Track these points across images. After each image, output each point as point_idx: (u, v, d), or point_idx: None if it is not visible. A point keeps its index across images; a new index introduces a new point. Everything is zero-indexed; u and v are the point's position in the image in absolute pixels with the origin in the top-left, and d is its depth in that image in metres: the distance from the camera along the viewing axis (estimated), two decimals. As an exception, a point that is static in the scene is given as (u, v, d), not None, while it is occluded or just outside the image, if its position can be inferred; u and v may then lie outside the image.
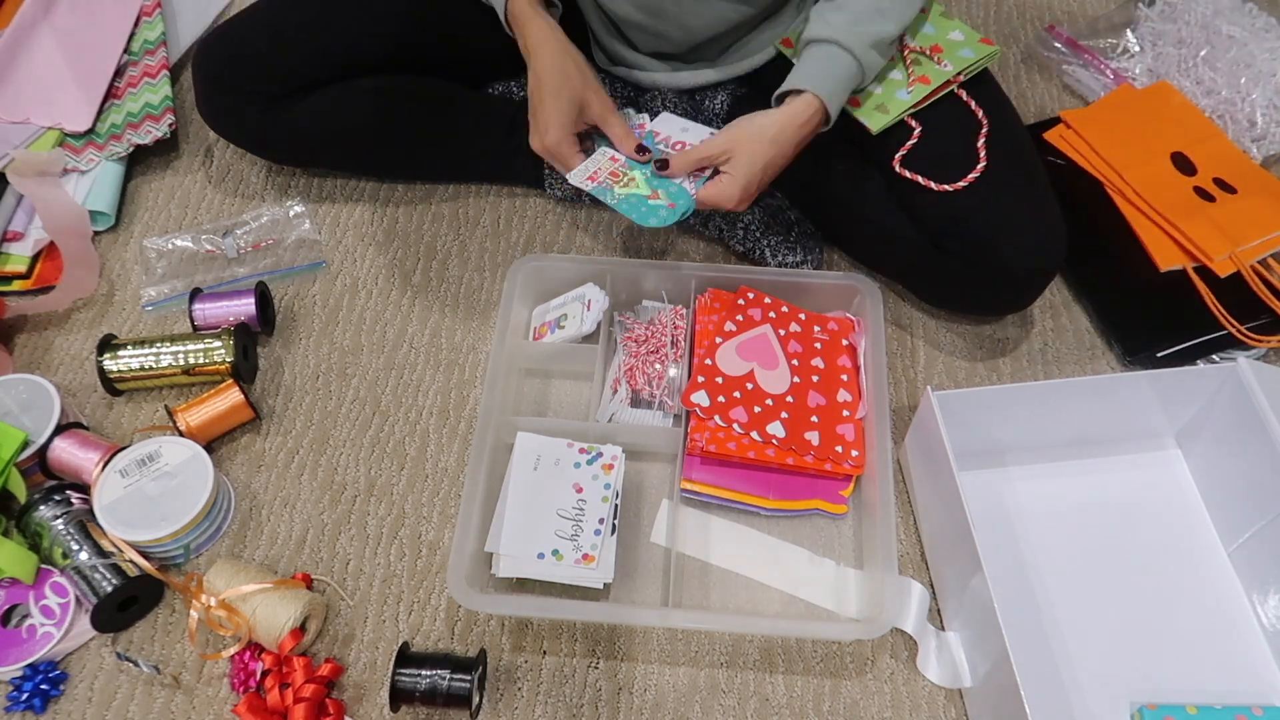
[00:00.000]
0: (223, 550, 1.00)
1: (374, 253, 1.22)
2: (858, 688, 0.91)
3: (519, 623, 0.95)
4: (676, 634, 0.94)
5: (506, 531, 0.93)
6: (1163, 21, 1.37)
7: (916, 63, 1.05)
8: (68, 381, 1.12)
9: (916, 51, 1.06)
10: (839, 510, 0.99)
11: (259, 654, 0.91)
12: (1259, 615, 0.93)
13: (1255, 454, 0.91)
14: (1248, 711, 0.85)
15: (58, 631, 0.92)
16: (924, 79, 1.04)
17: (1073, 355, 1.12)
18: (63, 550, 0.93)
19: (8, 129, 1.27)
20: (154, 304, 1.17)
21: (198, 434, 1.02)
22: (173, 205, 1.27)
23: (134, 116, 1.29)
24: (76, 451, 1.00)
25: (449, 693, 0.86)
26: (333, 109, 1.16)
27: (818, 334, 1.06)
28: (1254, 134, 1.26)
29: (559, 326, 1.08)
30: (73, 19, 1.39)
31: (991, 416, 0.96)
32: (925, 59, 1.05)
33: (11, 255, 1.20)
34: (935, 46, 1.07)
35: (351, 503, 1.03)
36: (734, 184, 0.97)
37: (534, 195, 1.27)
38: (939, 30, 1.08)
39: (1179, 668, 0.90)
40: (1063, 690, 0.89)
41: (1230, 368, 0.94)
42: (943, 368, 1.12)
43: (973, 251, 1.01)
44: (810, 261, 1.15)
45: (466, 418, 1.09)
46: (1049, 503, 1.00)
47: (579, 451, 0.98)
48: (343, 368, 1.13)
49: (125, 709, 0.90)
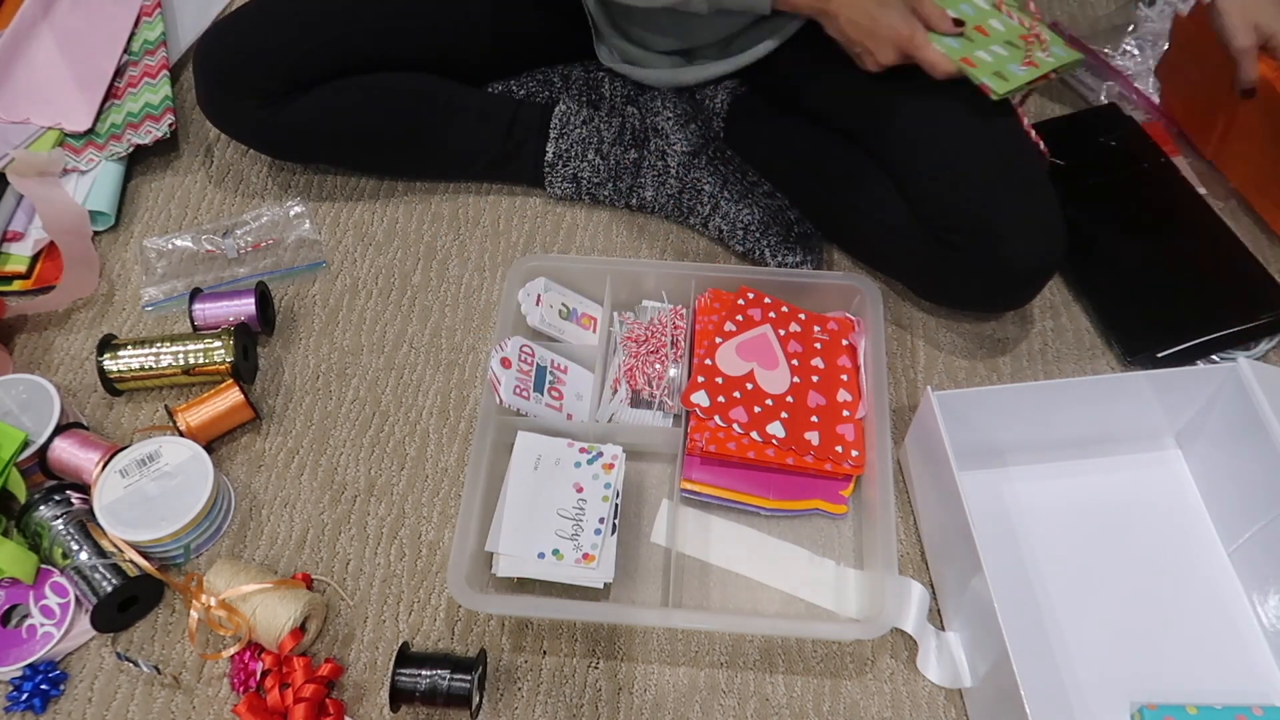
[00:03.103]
0: (223, 550, 1.00)
1: (374, 253, 1.22)
2: (858, 688, 0.91)
3: (519, 623, 0.95)
4: (676, 634, 0.94)
5: (506, 531, 0.93)
6: (1163, 21, 1.37)
7: (1015, 47, 1.04)
8: (68, 381, 1.12)
9: (1033, 34, 1.05)
10: (839, 510, 0.99)
11: (259, 654, 0.91)
12: (1259, 615, 0.93)
13: (1255, 454, 0.91)
14: (1248, 711, 0.85)
15: (58, 631, 0.92)
16: (1032, 63, 1.02)
17: (1073, 355, 1.12)
18: (63, 550, 0.93)
19: (8, 129, 1.27)
20: (154, 304, 1.17)
21: (198, 434, 1.02)
22: (173, 205, 1.27)
23: (134, 116, 1.29)
24: (76, 451, 1.00)
25: (449, 693, 0.86)
26: (333, 105, 1.16)
27: (818, 334, 1.06)
28: (1254, 134, 1.26)
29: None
30: (73, 19, 1.39)
31: (991, 416, 0.96)
32: (1036, 44, 1.04)
33: (11, 255, 1.20)
34: (1024, 36, 1.05)
35: (351, 503, 1.03)
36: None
37: (534, 195, 1.27)
38: (1021, 22, 1.08)
39: (1179, 668, 0.90)
40: (1063, 690, 0.89)
41: (1230, 368, 0.94)
42: (943, 367, 1.12)
43: (975, 244, 1.01)
44: (810, 261, 1.15)
45: (466, 418, 1.09)
46: (1049, 503, 1.00)
47: (579, 451, 0.98)
48: (343, 368, 1.13)
49: (125, 709, 0.90)
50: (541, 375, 1.02)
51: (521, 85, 1.28)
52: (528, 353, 1.02)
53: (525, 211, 1.25)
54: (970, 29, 1.04)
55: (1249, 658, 0.91)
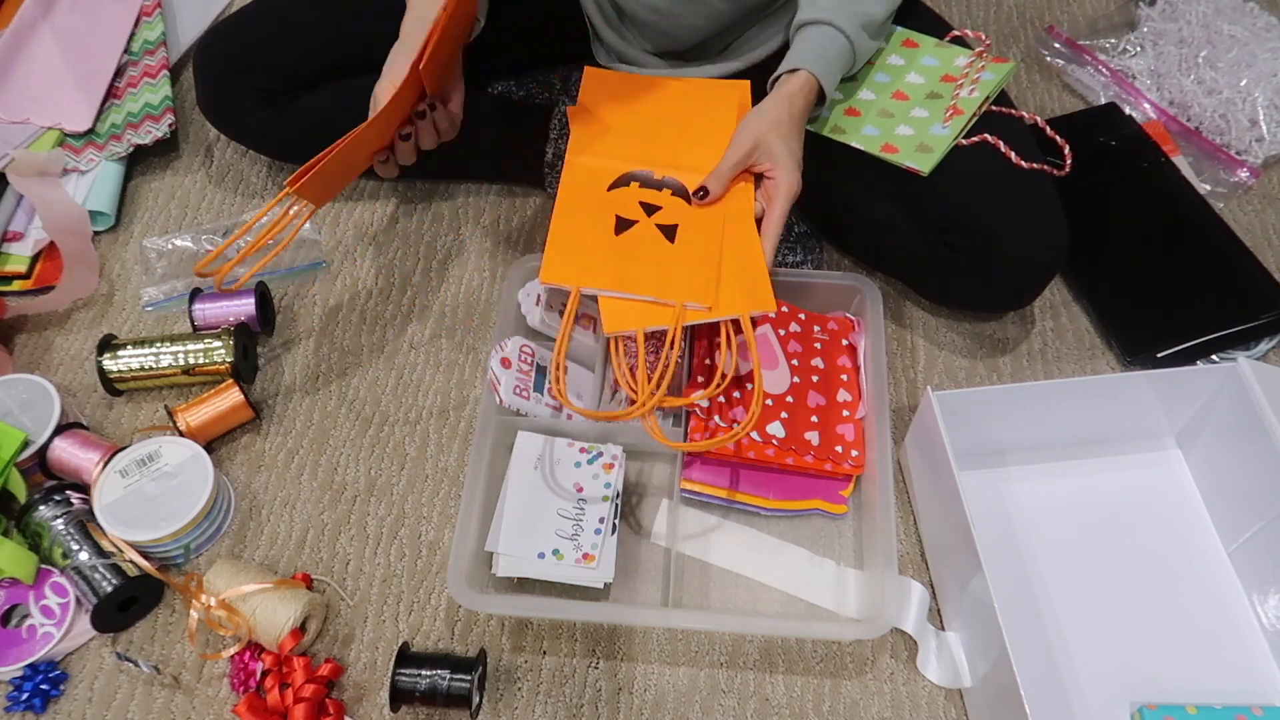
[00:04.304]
0: (223, 550, 1.00)
1: (374, 253, 1.22)
2: (858, 688, 0.91)
3: (519, 623, 0.95)
4: (676, 634, 0.94)
5: (506, 531, 0.93)
6: (1163, 21, 1.37)
7: (938, 97, 1.05)
8: (68, 381, 1.12)
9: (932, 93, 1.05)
10: (839, 510, 0.99)
11: (259, 654, 0.91)
12: (1259, 615, 0.93)
13: (1255, 454, 0.91)
14: (1248, 711, 0.85)
15: (58, 631, 0.92)
16: (957, 110, 1.03)
17: (1073, 355, 1.12)
18: (63, 550, 0.93)
19: (8, 129, 1.27)
20: (154, 304, 1.17)
21: (198, 434, 1.02)
22: (173, 205, 1.27)
23: (134, 116, 1.29)
24: (76, 451, 1.00)
25: (449, 693, 0.86)
26: (334, 106, 1.16)
27: (817, 334, 1.06)
28: (1255, 134, 1.26)
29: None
30: (73, 19, 1.39)
31: (991, 416, 0.96)
32: (946, 91, 1.05)
33: (11, 255, 1.20)
34: (946, 76, 1.06)
35: (351, 503, 1.03)
36: (785, 169, 0.94)
37: (534, 195, 1.27)
38: (942, 61, 1.08)
39: (1179, 668, 0.90)
40: (1063, 690, 0.89)
41: (1230, 368, 0.94)
42: (943, 367, 1.12)
43: (977, 245, 1.01)
44: (810, 261, 1.15)
45: (466, 418, 1.09)
46: (1049, 503, 1.00)
47: (579, 451, 0.98)
48: (343, 368, 1.13)
49: (125, 709, 0.90)
50: (541, 375, 1.02)
51: (521, 86, 1.28)
52: (528, 353, 1.02)
53: (525, 211, 1.25)
54: (887, 97, 1.05)
55: (1249, 658, 0.91)
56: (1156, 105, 1.32)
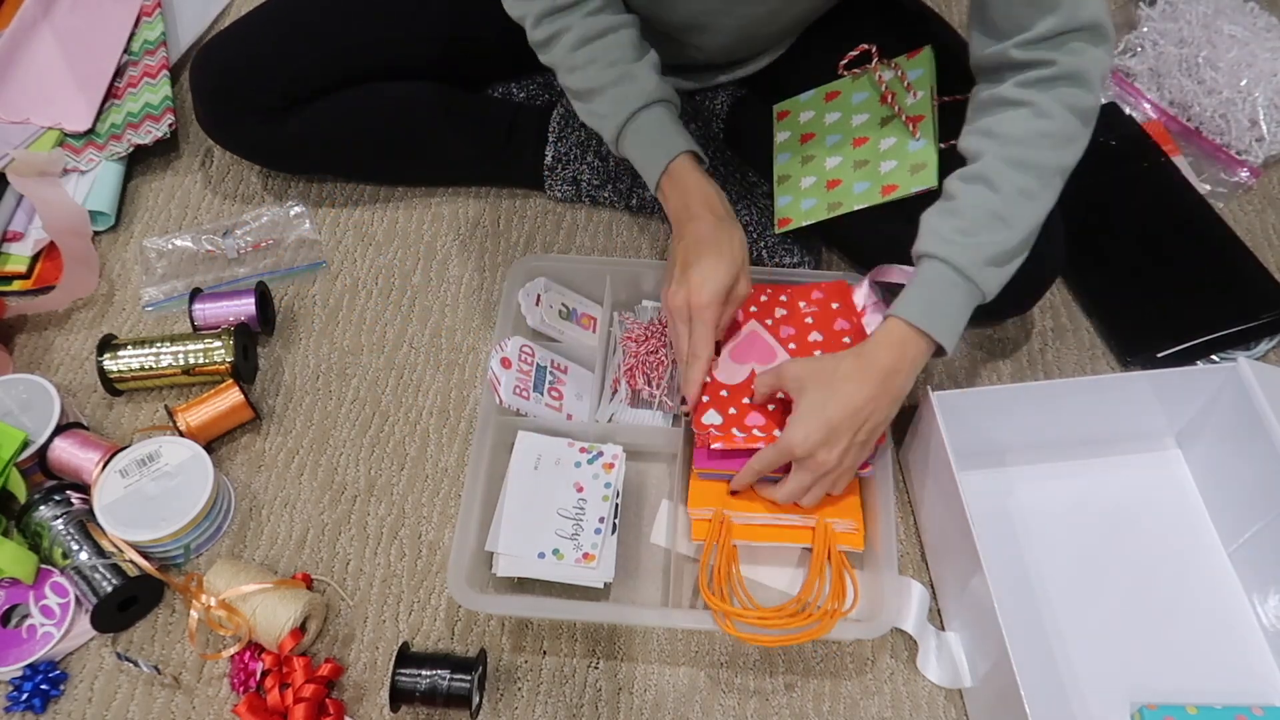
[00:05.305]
0: (223, 550, 1.00)
1: (374, 253, 1.22)
2: (858, 688, 0.91)
3: (519, 623, 0.95)
4: (676, 634, 0.94)
5: (506, 531, 0.93)
6: (1164, 21, 1.37)
7: (891, 119, 1.04)
8: (68, 381, 1.12)
9: (883, 119, 1.05)
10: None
11: (259, 654, 0.91)
12: (1259, 615, 0.93)
13: (1255, 454, 0.91)
14: (1248, 711, 0.85)
15: (58, 631, 0.92)
16: (917, 118, 1.02)
17: (1073, 355, 1.12)
18: (63, 550, 0.93)
19: (8, 129, 1.27)
20: (154, 304, 1.17)
21: (198, 434, 1.02)
22: (173, 205, 1.27)
23: (134, 116, 1.29)
24: (76, 451, 1.00)
25: (449, 693, 0.86)
26: (333, 118, 1.16)
27: (804, 309, 1.04)
28: (1255, 134, 1.26)
29: None
30: (73, 19, 1.39)
31: (991, 416, 0.96)
32: (890, 111, 1.04)
33: (11, 255, 1.20)
34: (882, 98, 1.06)
35: (351, 503, 1.03)
36: (794, 427, 0.84)
37: (534, 195, 1.27)
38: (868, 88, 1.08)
39: (1179, 668, 0.90)
40: (1063, 690, 0.89)
41: (1230, 368, 0.94)
42: (943, 368, 1.12)
43: None
44: (808, 262, 1.15)
45: (466, 418, 1.09)
46: (1049, 503, 1.00)
47: (579, 451, 0.98)
48: (343, 368, 1.13)
49: (125, 709, 0.90)
50: (541, 375, 1.02)
51: (521, 89, 1.28)
52: (528, 353, 1.02)
53: (525, 212, 1.25)
54: (851, 149, 1.06)
55: (1249, 658, 0.91)
56: (1156, 105, 1.32)
